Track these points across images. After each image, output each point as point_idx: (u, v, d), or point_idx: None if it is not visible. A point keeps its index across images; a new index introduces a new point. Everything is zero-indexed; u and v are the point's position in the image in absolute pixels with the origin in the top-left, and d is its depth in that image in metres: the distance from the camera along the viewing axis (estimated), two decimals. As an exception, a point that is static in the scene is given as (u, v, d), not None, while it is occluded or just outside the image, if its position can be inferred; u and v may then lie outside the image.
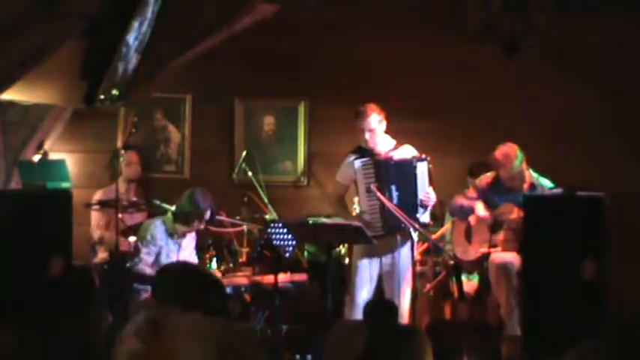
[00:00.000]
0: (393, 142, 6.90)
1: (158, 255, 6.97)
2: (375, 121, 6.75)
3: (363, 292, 6.75)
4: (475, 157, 7.80)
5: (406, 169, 6.73)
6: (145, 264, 6.89)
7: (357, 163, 6.76)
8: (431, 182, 6.78)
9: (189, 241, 7.21)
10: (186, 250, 7.17)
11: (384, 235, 6.67)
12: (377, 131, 6.77)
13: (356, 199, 7.20)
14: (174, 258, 7.05)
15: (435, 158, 7.30)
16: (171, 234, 7.04)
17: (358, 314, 6.63)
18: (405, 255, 6.74)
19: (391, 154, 6.82)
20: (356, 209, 7.21)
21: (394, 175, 6.71)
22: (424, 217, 6.78)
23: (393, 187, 6.68)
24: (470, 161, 7.88)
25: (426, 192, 6.72)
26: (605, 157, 7.95)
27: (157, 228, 7.01)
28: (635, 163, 7.89)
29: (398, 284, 6.67)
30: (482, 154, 7.43)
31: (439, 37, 8.14)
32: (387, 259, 6.75)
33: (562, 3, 7.81)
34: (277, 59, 8.50)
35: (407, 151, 6.86)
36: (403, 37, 8.28)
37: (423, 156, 6.77)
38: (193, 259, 7.28)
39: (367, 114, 6.74)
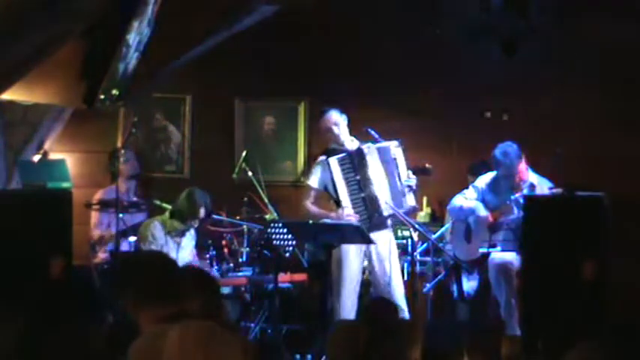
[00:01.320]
0: (357, 142, 6.93)
1: None
2: (337, 115, 6.85)
3: (349, 288, 6.76)
4: (475, 157, 7.80)
5: (386, 155, 6.78)
6: None
7: (333, 160, 6.81)
8: (409, 167, 6.90)
9: (189, 240, 7.21)
10: (186, 250, 7.18)
11: (369, 230, 6.71)
12: (341, 125, 6.83)
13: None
14: (173, 257, 7.05)
15: (435, 158, 7.32)
16: (169, 232, 7.06)
17: (345, 311, 6.64)
18: (392, 247, 6.77)
19: (366, 145, 6.86)
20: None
21: (375, 164, 6.75)
22: (410, 199, 6.82)
23: (378, 176, 6.71)
24: (470, 161, 7.88)
25: (407, 174, 6.83)
26: (605, 157, 7.94)
27: (157, 228, 7.04)
28: (635, 163, 7.89)
29: (387, 277, 6.70)
30: (483, 154, 7.44)
31: (439, 37, 8.14)
32: (371, 254, 6.78)
33: (562, 3, 7.80)
34: (277, 59, 8.50)
35: (385, 143, 6.92)
36: (403, 37, 8.28)
37: (397, 143, 6.86)
38: (193, 258, 7.28)
39: (325, 110, 6.90)
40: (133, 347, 3.33)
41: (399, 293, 6.72)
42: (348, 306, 6.70)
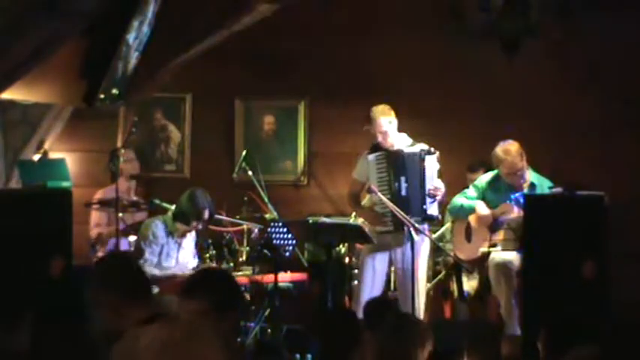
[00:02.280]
0: (409, 140, 6.96)
1: (159, 254, 6.98)
2: (385, 123, 6.86)
3: (370, 288, 6.77)
4: (475, 158, 7.80)
5: (414, 161, 6.83)
6: (151, 264, 6.90)
7: (371, 157, 6.88)
8: (440, 176, 6.91)
9: (189, 240, 7.21)
10: (186, 250, 7.17)
11: (394, 230, 6.71)
12: (389, 132, 6.87)
13: (368, 196, 7.27)
14: (174, 257, 7.06)
15: (435, 158, 7.30)
16: (171, 233, 7.05)
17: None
18: (418, 250, 6.75)
19: (403, 148, 6.88)
20: (366, 204, 7.26)
21: (403, 167, 6.81)
22: (432, 209, 6.84)
23: (402, 179, 6.82)
24: (470, 161, 7.88)
25: (433, 184, 6.81)
26: (605, 157, 7.94)
27: (158, 227, 7.03)
28: (635, 163, 7.89)
29: (411, 281, 6.67)
30: (483, 154, 7.43)
31: (439, 37, 8.14)
32: (397, 255, 6.78)
33: (562, 3, 7.81)
34: (277, 59, 8.49)
35: (419, 147, 6.94)
36: (403, 37, 8.29)
37: (432, 150, 6.86)
38: (193, 258, 7.28)
39: (375, 118, 6.87)
40: (114, 349, 3.28)
41: (419, 298, 6.69)
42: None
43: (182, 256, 7.12)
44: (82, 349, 3.82)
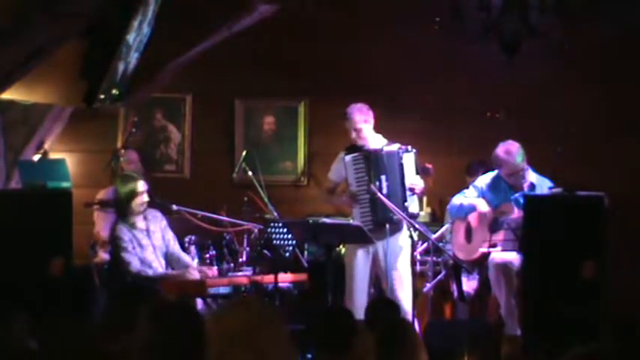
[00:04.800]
0: (385, 140, 6.98)
1: (134, 248, 6.94)
2: (360, 121, 6.91)
3: (359, 289, 6.79)
4: (475, 158, 7.80)
5: (393, 159, 6.86)
6: (136, 266, 6.85)
7: (348, 158, 6.91)
8: (418, 172, 6.91)
9: (157, 224, 7.09)
10: (157, 232, 7.06)
11: (373, 229, 6.73)
12: (363, 130, 6.91)
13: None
14: (148, 244, 6.94)
15: (435, 158, 7.33)
16: (132, 225, 6.98)
17: (357, 312, 6.64)
18: (396, 247, 6.78)
19: (380, 147, 6.90)
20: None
21: (383, 166, 6.83)
22: (413, 206, 6.86)
23: (383, 178, 6.82)
24: (470, 161, 7.88)
25: (412, 181, 6.85)
26: (605, 157, 7.95)
27: (119, 229, 6.93)
28: (635, 163, 7.89)
29: (391, 277, 6.71)
30: (483, 154, 7.44)
31: (439, 37, 8.14)
32: (378, 254, 6.81)
33: (562, 3, 7.80)
34: (277, 59, 8.50)
35: (394, 146, 6.96)
36: (403, 37, 8.29)
37: (409, 147, 6.86)
38: (171, 236, 7.18)
39: (351, 114, 6.92)
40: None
41: (403, 295, 6.71)
42: (360, 306, 6.69)
43: (156, 239, 7.01)
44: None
